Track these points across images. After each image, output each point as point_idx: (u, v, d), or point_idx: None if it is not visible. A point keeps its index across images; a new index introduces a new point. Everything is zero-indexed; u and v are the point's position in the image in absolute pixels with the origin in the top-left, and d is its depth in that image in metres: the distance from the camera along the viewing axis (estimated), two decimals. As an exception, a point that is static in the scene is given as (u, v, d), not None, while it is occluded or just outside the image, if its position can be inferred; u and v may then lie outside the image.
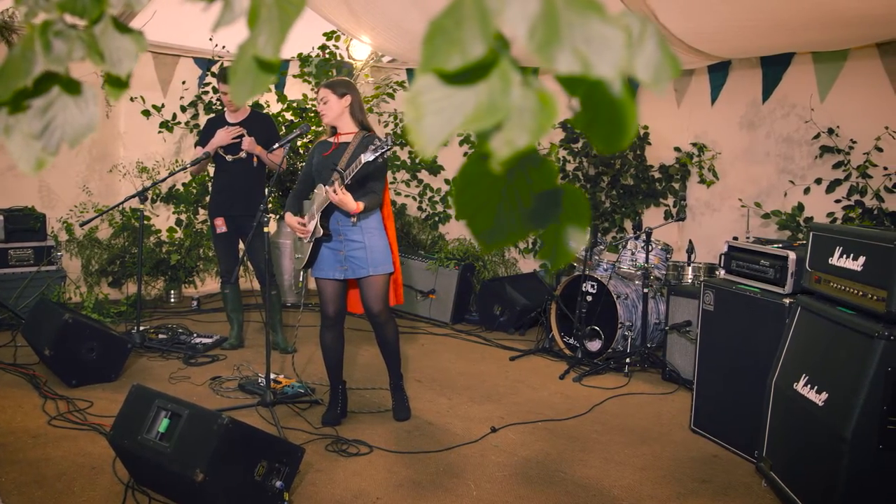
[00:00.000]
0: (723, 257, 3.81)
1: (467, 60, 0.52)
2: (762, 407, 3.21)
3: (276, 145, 4.09)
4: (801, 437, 2.88)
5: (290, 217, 3.74)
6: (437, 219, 7.29)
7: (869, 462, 2.50)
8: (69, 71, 0.82)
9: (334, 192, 3.43)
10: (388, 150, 3.33)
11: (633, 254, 5.16)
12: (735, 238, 3.92)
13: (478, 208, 0.68)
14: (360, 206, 3.51)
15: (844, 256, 2.82)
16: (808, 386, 2.85)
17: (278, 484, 2.84)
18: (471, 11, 0.52)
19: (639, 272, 5.12)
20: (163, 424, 2.87)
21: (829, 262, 2.93)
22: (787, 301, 3.29)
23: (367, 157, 3.35)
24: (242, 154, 4.98)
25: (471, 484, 3.20)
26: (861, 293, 2.70)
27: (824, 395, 2.73)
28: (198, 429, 2.76)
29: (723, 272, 3.81)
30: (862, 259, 2.71)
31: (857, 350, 2.61)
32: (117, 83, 0.83)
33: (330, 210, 3.63)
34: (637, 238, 5.12)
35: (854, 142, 5.11)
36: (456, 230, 7.25)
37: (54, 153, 0.83)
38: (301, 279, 4.12)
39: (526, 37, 0.50)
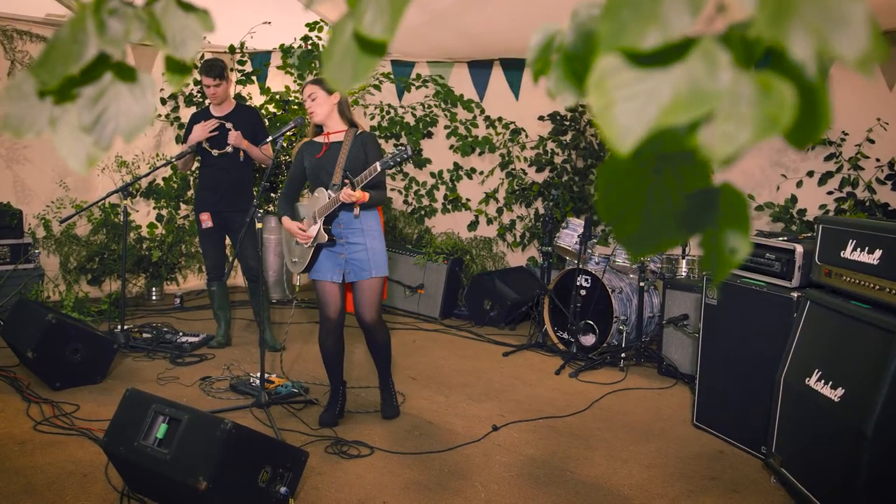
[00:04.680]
0: (725, 251, 3.76)
1: (669, 37, 0.44)
2: (770, 402, 3.17)
3: (269, 139, 3.97)
4: (814, 434, 2.84)
5: (289, 222, 3.65)
6: (423, 212, 7.19)
7: (890, 458, 2.47)
8: (126, 55, 0.72)
9: (348, 195, 3.37)
10: (408, 158, 3.30)
11: (627, 247, 5.11)
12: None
13: (623, 211, 0.60)
14: (366, 195, 3.46)
15: (859, 250, 2.78)
16: (822, 381, 2.81)
17: (283, 490, 2.75)
18: (673, -22, 0.44)
19: (634, 265, 5.07)
20: (161, 430, 2.75)
21: (842, 255, 2.89)
22: (794, 295, 3.26)
23: (383, 164, 3.32)
24: (229, 148, 4.83)
25: (478, 485, 3.13)
26: (878, 287, 2.66)
27: (840, 391, 2.69)
28: (199, 434, 2.65)
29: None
30: (878, 252, 2.67)
31: (876, 345, 2.57)
32: (180, 68, 0.73)
33: (333, 215, 3.54)
34: (631, 231, 5.06)
35: (846, 134, 5.11)
36: (442, 224, 7.17)
37: (107, 148, 0.73)
38: (296, 283, 4.03)
39: (756, 7, 0.41)
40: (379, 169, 3.31)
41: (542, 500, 3.02)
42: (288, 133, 3.97)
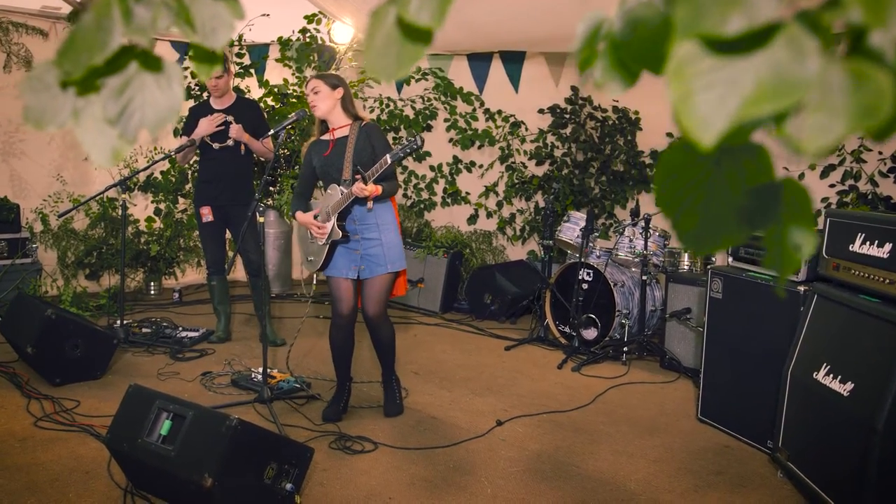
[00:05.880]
0: (730, 244, 3.74)
1: (753, 23, 0.41)
2: (776, 396, 3.16)
3: (271, 132, 3.94)
4: (823, 428, 2.83)
5: (303, 215, 3.63)
6: (422, 206, 7.16)
7: (901, 453, 2.45)
8: (153, 44, 0.69)
9: (361, 189, 3.35)
10: (418, 149, 3.27)
11: (630, 240, 5.09)
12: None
13: (682, 205, 0.57)
14: (379, 189, 3.44)
15: (868, 243, 2.77)
16: (830, 375, 2.80)
17: (288, 486, 2.72)
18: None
19: (637, 259, 5.05)
20: (165, 426, 2.72)
21: (850, 248, 2.87)
22: (801, 289, 3.24)
23: (393, 156, 3.29)
24: (230, 142, 4.79)
25: (484, 480, 3.11)
26: (888, 281, 2.64)
27: (849, 385, 2.68)
28: (204, 431, 2.62)
29: (730, 259, 3.75)
30: (888, 246, 2.66)
31: (886, 339, 2.55)
32: (209, 58, 0.71)
33: (347, 211, 3.52)
34: (635, 224, 5.05)
35: (848, 126, 5.10)
36: (442, 218, 7.13)
37: (133, 141, 0.70)
38: (313, 282, 4.00)
39: (854, -10, 0.39)
40: (390, 161, 3.29)
41: (548, 495, 3.00)
42: (288, 127, 3.94)
